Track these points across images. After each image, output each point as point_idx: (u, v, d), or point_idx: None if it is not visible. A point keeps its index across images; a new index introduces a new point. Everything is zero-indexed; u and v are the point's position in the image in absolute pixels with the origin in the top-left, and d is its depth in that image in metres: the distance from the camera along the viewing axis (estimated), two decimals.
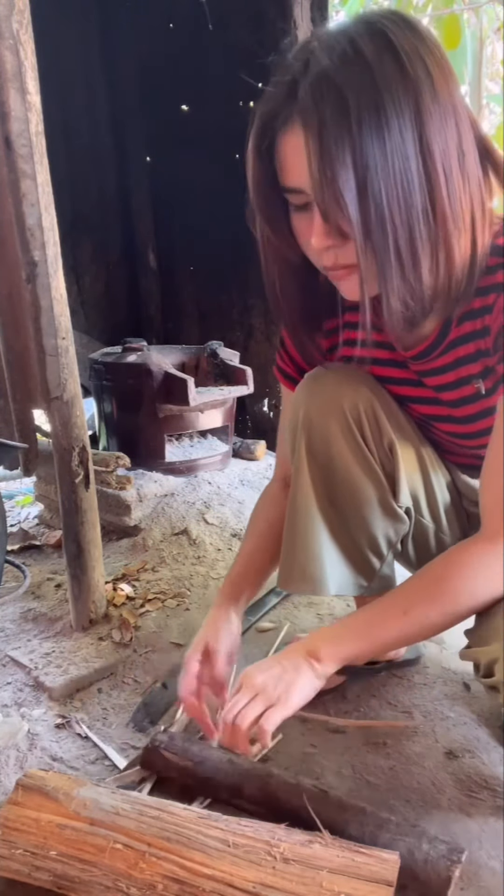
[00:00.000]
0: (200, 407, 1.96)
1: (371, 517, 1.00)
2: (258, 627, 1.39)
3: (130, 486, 1.80)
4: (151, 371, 1.87)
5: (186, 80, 2.47)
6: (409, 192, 0.68)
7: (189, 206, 2.60)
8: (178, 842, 0.77)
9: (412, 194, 0.68)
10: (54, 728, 1.12)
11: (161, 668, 1.26)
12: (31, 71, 1.10)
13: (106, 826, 0.79)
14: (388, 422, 0.97)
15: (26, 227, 1.15)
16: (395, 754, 1.02)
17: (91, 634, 1.35)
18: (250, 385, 2.03)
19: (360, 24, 0.69)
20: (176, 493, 1.89)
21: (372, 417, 0.96)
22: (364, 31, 0.68)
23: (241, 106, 2.33)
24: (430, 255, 0.72)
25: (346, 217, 0.69)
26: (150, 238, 2.85)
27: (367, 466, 0.97)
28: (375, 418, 0.96)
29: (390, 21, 0.69)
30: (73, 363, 1.24)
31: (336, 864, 0.74)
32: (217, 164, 2.45)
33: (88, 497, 1.31)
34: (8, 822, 0.81)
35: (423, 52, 0.68)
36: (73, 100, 2.69)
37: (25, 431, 1.34)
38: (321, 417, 0.97)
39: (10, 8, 1.06)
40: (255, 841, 0.77)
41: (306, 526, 1.00)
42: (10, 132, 1.11)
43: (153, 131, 2.68)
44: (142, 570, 1.65)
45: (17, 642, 1.35)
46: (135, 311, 2.94)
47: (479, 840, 0.87)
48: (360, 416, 0.96)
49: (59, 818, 0.81)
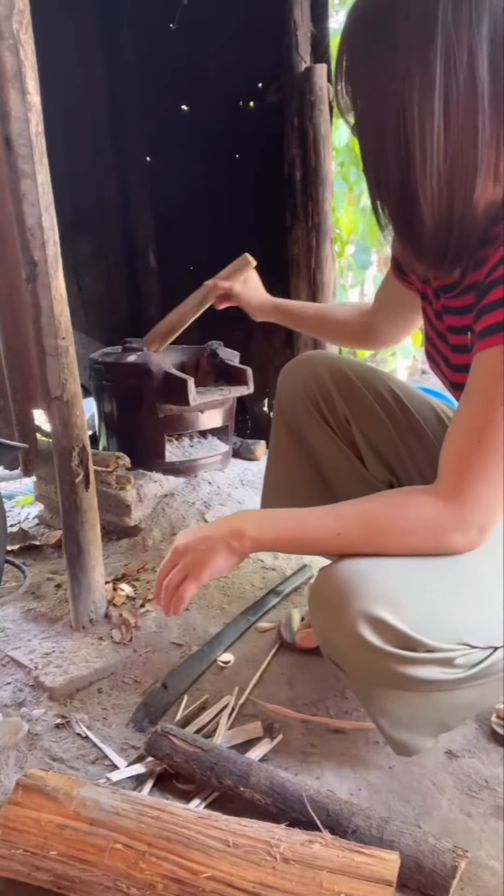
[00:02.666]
0: (200, 407, 1.95)
1: (350, 487, 1.12)
2: (258, 627, 1.39)
3: (130, 486, 1.80)
4: (151, 371, 1.87)
5: (186, 80, 2.47)
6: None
7: (189, 206, 2.60)
8: (178, 842, 0.77)
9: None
10: (54, 728, 1.12)
11: (161, 668, 1.26)
12: (31, 71, 1.10)
13: (106, 826, 0.79)
14: (342, 397, 1.13)
15: (26, 226, 1.15)
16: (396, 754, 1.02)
17: (91, 634, 1.35)
18: (250, 385, 2.03)
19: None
20: (176, 493, 1.89)
21: (327, 393, 1.14)
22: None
23: (241, 106, 2.33)
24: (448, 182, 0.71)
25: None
26: (150, 238, 2.85)
27: (326, 437, 1.15)
28: (329, 394, 1.14)
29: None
30: (73, 363, 1.24)
31: (336, 864, 0.74)
32: (217, 163, 2.45)
33: (88, 497, 1.31)
34: (8, 822, 0.81)
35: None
36: (74, 100, 2.69)
37: (25, 431, 1.34)
38: (289, 402, 1.20)
39: (9, 8, 1.06)
40: (255, 841, 0.77)
41: (294, 492, 1.20)
42: (10, 132, 1.11)
43: (153, 131, 2.68)
44: (142, 570, 1.65)
45: (17, 642, 1.35)
46: (135, 311, 2.94)
47: (478, 840, 0.87)
48: (315, 394, 1.15)
49: (59, 818, 0.81)
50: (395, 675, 0.80)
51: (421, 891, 0.79)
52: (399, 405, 1.13)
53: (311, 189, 2.10)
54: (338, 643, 0.83)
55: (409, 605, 0.78)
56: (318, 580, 0.85)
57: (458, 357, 0.90)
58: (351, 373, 1.15)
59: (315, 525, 0.85)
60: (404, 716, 0.85)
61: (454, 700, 0.85)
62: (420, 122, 0.69)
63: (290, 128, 2.08)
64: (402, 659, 0.78)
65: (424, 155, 0.70)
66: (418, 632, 0.77)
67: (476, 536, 0.78)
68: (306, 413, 1.18)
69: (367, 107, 0.74)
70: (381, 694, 0.84)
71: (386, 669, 0.79)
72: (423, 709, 0.85)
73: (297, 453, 1.23)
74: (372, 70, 0.72)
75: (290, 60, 2.04)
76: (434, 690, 0.82)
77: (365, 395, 1.13)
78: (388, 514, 0.82)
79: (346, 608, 0.78)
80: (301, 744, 1.05)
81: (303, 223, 2.14)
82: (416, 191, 0.72)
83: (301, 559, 1.64)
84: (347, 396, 1.14)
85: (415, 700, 0.84)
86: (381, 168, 0.75)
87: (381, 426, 1.13)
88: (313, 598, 0.86)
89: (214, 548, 0.86)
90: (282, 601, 1.48)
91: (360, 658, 0.80)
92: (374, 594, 0.78)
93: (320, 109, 2.03)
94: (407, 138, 0.70)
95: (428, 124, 0.69)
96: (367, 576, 0.79)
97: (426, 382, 4.51)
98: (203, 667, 1.25)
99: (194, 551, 0.87)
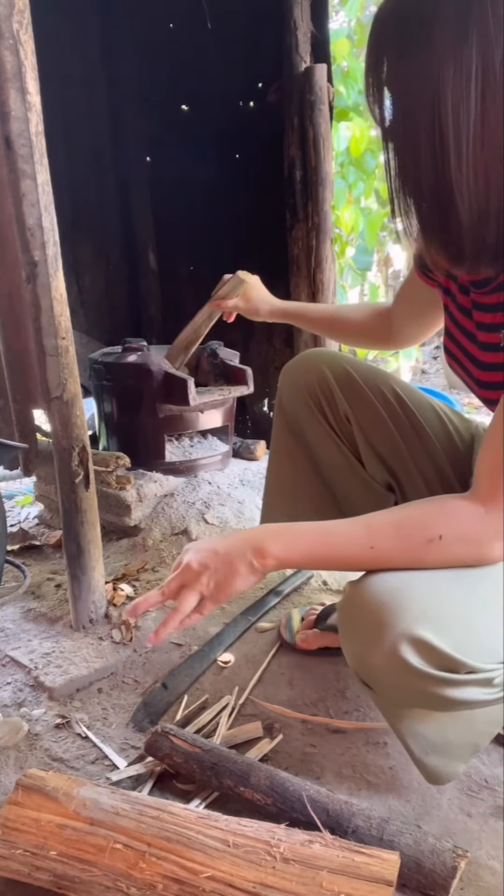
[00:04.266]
0: (200, 407, 1.95)
1: (349, 489, 1.14)
2: (258, 627, 1.39)
3: (130, 486, 1.80)
4: (151, 371, 1.87)
5: (186, 79, 2.47)
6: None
7: (189, 206, 2.60)
8: (178, 842, 0.77)
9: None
10: (54, 728, 1.12)
11: (161, 668, 1.26)
12: (32, 71, 1.10)
13: (106, 826, 0.79)
14: (344, 395, 1.13)
15: (26, 226, 1.15)
16: (396, 754, 1.02)
17: (91, 634, 1.35)
18: (250, 385, 2.03)
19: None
20: (176, 493, 1.89)
21: (328, 391, 1.14)
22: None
23: (241, 106, 2.33)
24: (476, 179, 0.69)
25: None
26: (150, 238, 2.85)
27: (326, 436, 1.15)
28: (330, 392, 1.14)
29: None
30: (73, 363, 1.24)
31: (336, 864, 0.74)
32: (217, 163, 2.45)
33: (88, 497, 1.31)
34: (8, 822, 0.81)
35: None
36: (74, 100, 2.69)
37: (25, 431, 1.34)
38: (290, 400, 1.19)
39: (10, 8, 1.06)
40: (254, 841, 0.77)
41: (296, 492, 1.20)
42: (10, 132, 1.11)
43: (153, 131, 2.68)
44: (142, 570, 1.65)
45: (17, 642, 1.35)
46: (135, 311, 2.94)
47: (479, 840, 0.87)
48: (316, 392, 1.15)
49: (59, 818, 0.81)
50: (434, 697, 0.75)
51: (421, 891, 0.79)
52: (401, 405, 1.12)
53: (311, 189, 2.10)
54: (375, 665, 0.77)
55: (450, 625, 0.74)
56: (348, 599, 0.80)
57: (487, 355, 0.87)
58: (353, 371, 1.14)
59: (345, 539, 0.79)
60: (436, 738, 0.82)
61: (487, 718, 0.81)
62: (455, 118, 0.67)
63: (290, 128, 2.08)
64: (443, 681, 0.74)
65: (460, 150, 0.68)
66: (461, 653, 0.73)
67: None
68: (307, 411, 1.17)
69: (401, 105, 0.72)
70: (413, 714, 0.80)
71: (424, 692, 0.75)
72: (455, 730, 0.81)
73: (298, 452, 1.22)
74: (406, 68, 0.70)
75: (290, 60, 2.04)
76: (469, 709, 0.79)
77: (367, 393, 1.13)
78: (425, 523, 0.77)
79: (385, 629, 0.73)
80: (301, 744, 1.05)
81: (303, 223, 2.14)
82: (452, 188, 0.70)
83: None
84: (349, 395, 1.14)
85: (447, 721, 0.80)
86: (414, 167, 0.72)
87: (382, 425, 1.12)
88: (345, 619, 0.81)
89: (234, 567, 0.79)
90: (282, 601, 1.48)
91: (398, 680, 0.76)
92: (415, 614, 0.73)
93: (320, 109, 2.03)
94: (442, 134, 0.68)
95: (463, 119, 0.67)
96: (405, 593, 0.75)
97: (426, 382, 4.51)
98: (203, 667, 1.25)
99: (211, 571, 0.80)
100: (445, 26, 0.66)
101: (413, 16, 0.68)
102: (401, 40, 0.69)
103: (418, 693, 0.76)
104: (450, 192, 0.70)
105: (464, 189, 0.69)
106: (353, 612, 0.79)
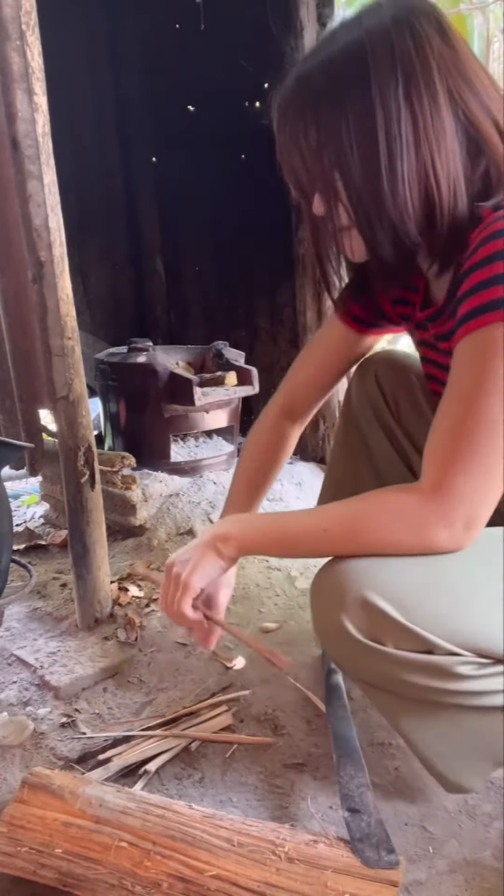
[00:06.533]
0: (206, 407, 1.96)
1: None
2: (263, 628, 1.39)
3: (136, 485, 1.81)
4: (157, 371, 1.88)
5: (193, 80, 2.47)
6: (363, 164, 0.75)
7: (195, 207, 2.61)
8: (183, 840, 0.77)
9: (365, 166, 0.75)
10: (60, 727, 1.12)
11: (166, 667, 1.26)
12: (38, 72, 1.11)
13: (111, 824, 0.80)
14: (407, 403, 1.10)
15: (33, 227, 1.15)
16: (400, 755, 1.02)
17: (96, 634, 1.35)
18: (255, 385, 2.04)
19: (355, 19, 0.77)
20: (181, 493, 1.90)
21: (393, 404, 1.11)
22: (347, 24, 0.77)
23: (247, 106, 2.34)
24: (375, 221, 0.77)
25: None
26: (155, 238, 2.86)
27: (394, 440, 1.11)
28: (395, 401, 1.11)
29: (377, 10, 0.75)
30: (79, 363, 1.24)
31: (341, 863, 0.74)
32: (223, 164, 2.45)
33: (94, 497, 1.31)
34: (14, 820, 0.82)
35: (402, 35, 0.73)
36: (80, 101, 2.70)
37: (31, 431, 1.35)
38: (358, 402, 1.15)
39: (16, 9, 1.06)
40: (259, 840, 0.77)
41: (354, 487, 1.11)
42: (16, 133, 1.11)
43: (159, 132, 2.69)
44: (147, 569, 1.65)
45: (22, 641, 1.36)
46: (140, 312, 2.95)
47: (482, 841, 0.87)
48: (383, 405, 1.11)
49: (64, 816, 0.81)
50: (392, 677, 0.77)
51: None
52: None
53: None
54: (330, 633, 0.79)
55: (407, 597, 0.75)
56: (316, 577, 0.82)
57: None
58: (416, 378, 1.11)
59: (301, 522, 0.83)
60: (439, 743, 0.81)
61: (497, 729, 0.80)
62: (390, 150, 0.73)
63: None
64: (391, 657, 0.75)
65: (395, 181, 0.74)
66: (413, 622, 0.74)
67: (462, 532, 0.74)
68: (370, 416, 1.14)
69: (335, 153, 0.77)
70: (408, 713, 0.81)
71: (380, 669, 0.76)
72: (459, 736, 0.81)
73: (361, 459, 1.17)
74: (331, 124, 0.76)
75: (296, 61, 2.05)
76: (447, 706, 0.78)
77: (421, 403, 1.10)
78: (370, 508, 0.79)
79: (341, 594, 0.76)
80: (306, 744, 1.05)
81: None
82: (393, 211, 0.76)
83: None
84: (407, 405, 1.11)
85: (447, 726, 0.80)
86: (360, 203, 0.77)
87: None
88: (312, 594, 0.82)
89: (201, 553, 0.86)
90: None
91: (352, 651, 0.77)
92: (371, 581, 0.75)
93: None
94: (375, 168, 0.74)
95: (398, 148, 0.73)
96: (368, 567, 0.76)
97: None
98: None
99: (181, 563, 0.87)
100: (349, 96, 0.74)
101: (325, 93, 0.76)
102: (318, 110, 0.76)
103: (375, 669, 0.77)
104: (392, 214, 0.76)
105: (405, 210, 0.75)
106: (318, 585, 0.81)
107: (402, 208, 0.75)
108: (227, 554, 0.85)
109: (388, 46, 0.72)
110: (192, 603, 0.87)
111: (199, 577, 0.86)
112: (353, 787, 0.87)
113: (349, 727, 0.99)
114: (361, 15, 0.76)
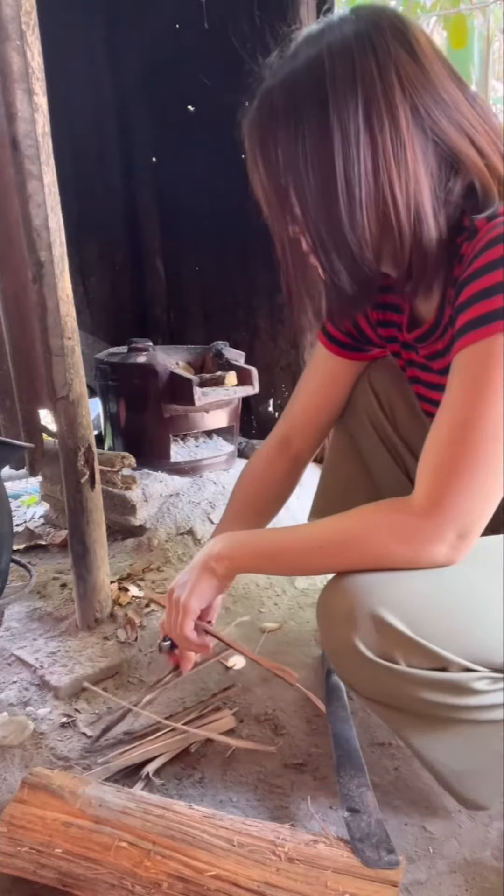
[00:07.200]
0: (206, 407, 1.96)
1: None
2: (263, 628, 1.39)
3: (136, 485, 1.81)
4: (157, 371, 1.88)
5: (192, 80, 2.47)
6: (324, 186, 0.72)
7: (195, 207, 2.60)
8: (183, 840, 0.77)
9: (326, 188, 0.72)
10: (59, 727, 1.12)
11: (165, 668, 1.26)
12: (38, 72, 1.11)
13: (111, 824, 0.80)
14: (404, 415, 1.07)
15: (33, 227, 1.15)
16: (400, 755, 1.02)
17: (96, 634, 1.35)
18: (255, 385, 2.03)
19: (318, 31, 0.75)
20: (181, 493, 1.90)
21: (389, 410, 1.07)
22: (308, 38, 0.75)
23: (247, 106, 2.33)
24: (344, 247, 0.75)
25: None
26: (156, 238, 2.85)
27: (391, 447, 1.09)
28: (392, 411, 1.07)
29: (341, 27, 0.72)
30: (79, 363, 1.24)
31: (341, 863, 0.74)
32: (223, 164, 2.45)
33: (94, 497, 1.31)
34: (14, 820, 0.81)
35: (364, 51, 0.70)
36: (80, 101, 2.70)
37: (31, 431, 1.35)
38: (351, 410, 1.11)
39: (16, 9, 1.06)
40: (259, 840, 0.77)
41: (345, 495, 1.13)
42: (16, 133, 1.11)
43: (159, 132, 2.68)
44: (147, 569, 1.65)
45: (22, 641, 1.36)
46: (140, 312, 2.95)
47: (483, 841, 0.87)
48: (378, 411, 1.07)
49: (64, 816, 0.81)
50: (402, 694, 0.75)
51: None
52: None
53: None
54: (339, 650, 0.77)
55: (417, 612, 0.73)
56: (322, 593, 0.80)
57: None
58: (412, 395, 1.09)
59: (294, 539, 0.83)
60: (448, 758, 0.81)
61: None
62: (347, 175, 0.71)
63: None
64: (405, 674, 0.74)
65: (353, 213, 0.73)
66: (423, 636, 0.73)
67: (457, 544, 0.73)
68: (364, 423, 1.11)
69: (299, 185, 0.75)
70: (414, 727, 0.80)
71: (390, 685, 0.75)
72: (471, 752, 0.80)
73: (355, 464, 1.15)
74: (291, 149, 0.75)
75: None
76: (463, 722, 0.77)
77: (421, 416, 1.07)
78: (364, 524, 0.78)
79: (351, 610, 0.74)
80: (306, 744, 1.05)
81: None
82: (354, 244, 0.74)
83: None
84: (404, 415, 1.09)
85: (458, 741, 0.79)
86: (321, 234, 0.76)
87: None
88: (319, 611, 0.81)
89: (197, 575, 0.87)
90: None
91: (362, 668, 0.76)
92: (380, 597, 0.73)
93: None
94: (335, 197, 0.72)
95: (356, 172, 0.71)
96: (377, 582, 0.75)
97: None
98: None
99: (180, 586, 0.89)
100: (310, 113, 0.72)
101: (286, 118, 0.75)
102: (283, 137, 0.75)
103: (387, 688, 0.75)
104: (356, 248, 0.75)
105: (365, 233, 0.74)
106: (326, 602, 0.80)
107: (359, 235, 0.73)
108: (221, 573, 0.87)
109: (348, 64, 0.69)
110: (192, 625, 0.89)
111: (197, 599, 0.88)
112: (353, 787, 0.87)
113: (349, 727, 0.99)
114: (324, 29, 0.73)
